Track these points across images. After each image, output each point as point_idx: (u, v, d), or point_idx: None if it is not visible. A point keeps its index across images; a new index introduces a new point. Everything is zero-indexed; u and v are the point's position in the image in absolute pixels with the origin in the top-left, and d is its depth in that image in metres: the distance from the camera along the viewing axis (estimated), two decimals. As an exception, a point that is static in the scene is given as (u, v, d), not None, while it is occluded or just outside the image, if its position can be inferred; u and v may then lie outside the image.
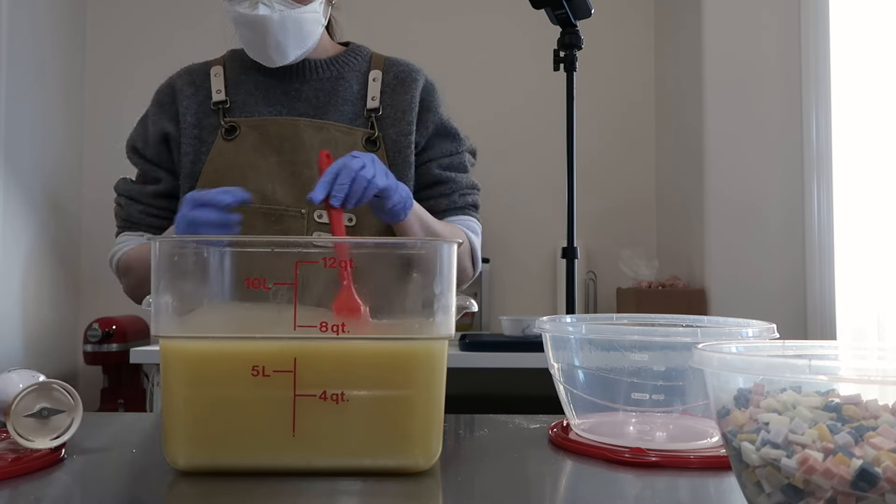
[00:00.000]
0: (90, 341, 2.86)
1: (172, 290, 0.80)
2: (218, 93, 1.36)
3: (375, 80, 1.38)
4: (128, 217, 1.39)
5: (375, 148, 1.33)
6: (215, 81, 1.37)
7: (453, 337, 0.82)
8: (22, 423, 0.82)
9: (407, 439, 0.79)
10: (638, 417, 0.93)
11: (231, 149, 1.32)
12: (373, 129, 1.34)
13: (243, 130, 1.33)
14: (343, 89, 1.37)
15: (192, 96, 1.37)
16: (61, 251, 3.13)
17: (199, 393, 0.79)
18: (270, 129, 1.32)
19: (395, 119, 1.36)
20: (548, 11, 1.67)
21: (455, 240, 0.83)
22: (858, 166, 2.46)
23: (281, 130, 1.32)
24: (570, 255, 1.73)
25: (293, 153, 1.31)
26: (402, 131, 1.36)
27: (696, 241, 2.84)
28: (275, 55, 1.30)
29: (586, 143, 2.08)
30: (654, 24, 3.37)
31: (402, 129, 1.36)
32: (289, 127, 1.32)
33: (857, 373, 0.62)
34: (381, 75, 1.39)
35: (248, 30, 1.29)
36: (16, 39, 2.77)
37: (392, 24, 3.31)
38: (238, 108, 1.35)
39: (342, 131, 1.33)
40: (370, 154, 1.13)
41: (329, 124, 1.33)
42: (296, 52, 1.31)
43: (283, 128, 1.32)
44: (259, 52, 1.31)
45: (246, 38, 1.31)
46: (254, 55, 1.33)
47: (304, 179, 1.28)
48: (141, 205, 1.39)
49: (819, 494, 0.53)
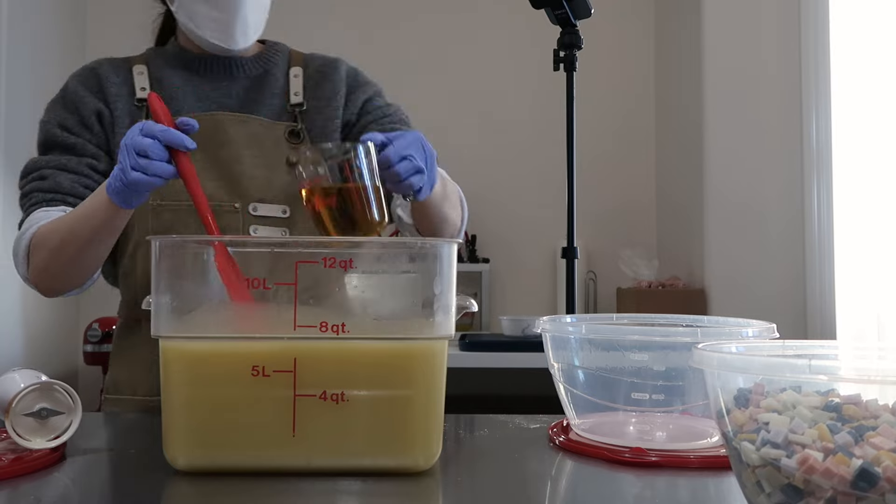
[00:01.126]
0: (90, 341, 2.86)
1: (172, 290, 0.80)
2: (143, 90, 1.32)
3: (297, 77, 1.37)
4: (54, 188, 1.25)
5: (299, 140, 1.33)
6: (139, 79, 1.33)
7: (453, 337, 0.82)
8: (21, 422, 0.82)
9: (407, 439, 0.79)
10: (638, 417, 0.93)
11: None
12: (296, 122, 1.34)
13: None
14: (270, 85, 1.36)
15: (118, 85, 1.32)
16: (61, 251, 3.13)
17: (199, 393, 0.79)
18: None
19: (319, 108, 1.36)
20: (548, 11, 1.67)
21: (455, 240, 0.83)
22: (858, 166, 2.46)
23: (204, 126, 1.26)
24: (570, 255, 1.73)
25: (218, 148, 1.28)
26: (328, 117, 1.35)
27: (696, 241, 2.84)
28: (240, 36, 1.28)
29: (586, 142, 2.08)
30: (654, 24, 3.37)
31: (327, 116, 1.35)
32: (210, 122, 1.29)
33: (857, 373, 0.62)
34: (301, 71, 1.38)
35: (214, 8, 1.25)
36: (16, 39, 2.77)
37: (392, 23, 3.31)
38: None
39: (265, 126, 1.32)
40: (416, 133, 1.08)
41: (252, 118, 1.31)
42: (254, 36, 1.31)
43: (206, 124, 1.28)
44: (221, 33, 1.27)
45: (206, 17, 1.26)
46: (212, 36, 1.28)
47: (234, 174, 1.27)
48: (74, 174, 1.26)
49: (819, 494, 0.53)
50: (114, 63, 1.36)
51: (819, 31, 2.58)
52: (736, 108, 2.73)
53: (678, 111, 3.08)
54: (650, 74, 3.36)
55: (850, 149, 2.50)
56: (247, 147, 1.29)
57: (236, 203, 1.27)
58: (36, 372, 0.87)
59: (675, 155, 3.14)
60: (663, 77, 3.29)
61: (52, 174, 1.26)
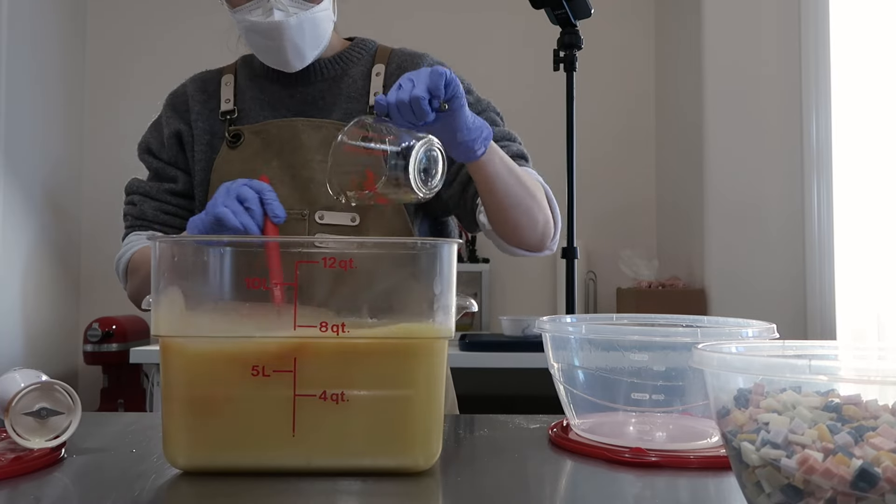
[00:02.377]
0: (90, 341, 2.86)
1: (172, 290, 0.80)
2: (227, 102, 1.35)
3: (379, 75, 1.34)
4: (140, 215, 1.36)
5: None
6: (225, 90, 1.36)
7: (453, 337, 0.82)
8: (20, 421, 0.82)
9: (407, 439, 0.79)
10: (638, 417, 0.93)
11: (235, 156, 1.31)
12: None
13: (247, 137, 1.31)
14: (347, 86, 1.34)
15: (203, 103, 1.36)
16: (61, 251, 3.13)
17: (199, 393, 0.79)
18: (271, 132, 1.31)
19: None
20: (548, 11, 1.67)
21: (455, 240, 0.83)
22: (858, 166, 2.46)
23: (280, 133, 1.31)
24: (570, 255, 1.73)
25: (292, 155, 1.29)
26: None
27: (696, 241, 2.84)
28: (294, 60, 1.28)
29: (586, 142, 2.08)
30: (654, 24, 3.37)
31: None
32: (287, 128, 1.30)
33: (857, 373, 0.62)
34: (384, 69, 1.34)
35: (262, 37, 1.26)
36: (16, 39, 2.77)
37: (392, 24, 3.31)
38: (245, 116, 1.34)
39: (340, 129, 1.31)
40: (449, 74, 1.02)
41: (327, 122, 1.30)
42: (313, 53, 1.29)
43: (282, 130, 1.31)
44: (276, 59, 1.28)
45: (259, 45, 1.28)
46: (269, 62, 1.30)
47: (303, 180, 1.27)
48: (156, 201, 1.36)
49: (819, 494, 0.53)
50: (204, 79, 1.39)
51: (819, 31, 2.58)
52: (736, 108, 2.73)
53: (678, 111, 3.08)
54: (650, 74, 3.36)
55: (850, 149, 2.50)
56: (318, 152, 1.28)
57: (304, 210, 1.27)
58: (37, 372, 0.87)
59: (675, 155, 3.14)
60: (663, 77, 3.29)
61: (140, 201, 1.36)
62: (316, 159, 1.28)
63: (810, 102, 2.62)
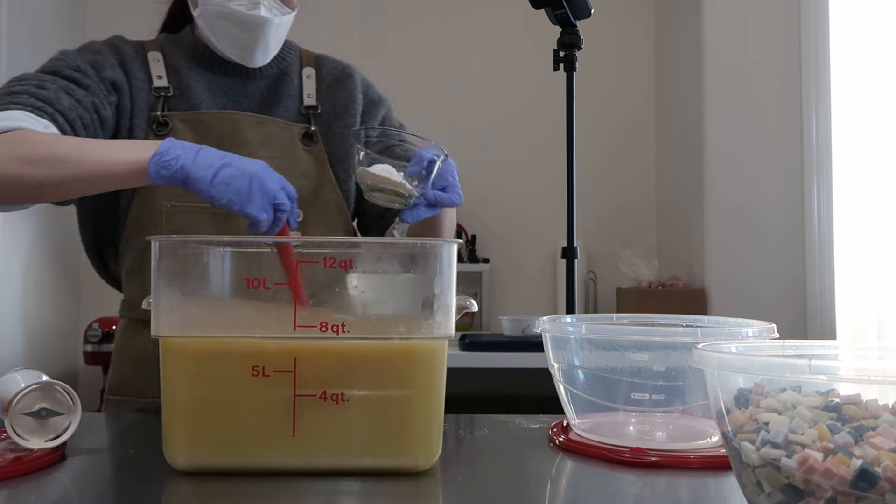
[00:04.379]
0: (90, 341, 2.86)
1: (172, 290, 0.80)
2: (159, 78, 1.26)
3: (309, 78, 1.36)
4: (48, 99, 1.11)
5: (313, 143, 1.31)
6: (155, 66, 1.27)
7: (453, 337, 0.82)
8: (20, 421, 0.82)
9: (407, 439, 0.79)
10: (638, 417, 0.93)
11: None
12: (309, 124, 1.32)
13: (176, 126, 1.24)
14: (286, 86, 1.34)
15: (141, 69, 1.26)
16: (61, 251, 3.13)
17: (199, 393, 0.79)
18: (208, 123, 1.26)
19: (336, 114, 1.34)
20: (547, 11, 1.66)
21: (455, 240, 0.83)
22: (858, 166, 2.46)
23: (219, 125, 1.26)
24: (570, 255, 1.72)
25: (234, 149, 1.17)
26: (347, 123, 1.34)
27: (695, 242, 2.84)
28: (260, 57, 1.28)
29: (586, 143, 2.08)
30: (654, 24, 3.37)
31: (346, 122, 1.34)
32: (228, 121, 1.27)
33: (857, 373, 0.62)
34: (314, 73, 1.36)
35: (238, 28, 1.24)
36: (16, 40, 2.76)
37: (392, 23, 3.31)
38: (181, 98, 1.27)
39: (280, 127, 1.30)
40: None
41: (269, 119, 1.29)
42: (273, 54, 1.31)
43: (222, 122, 1.26)
44: (241, 52, 1.27)
45: (228, 34, 1.25)
46: (231, 52, 1.27)
47: None
48: (74, 100, 1.14)
49: (819, 494, 0.53)
50: (133, 45, 1.30)
51: (819, 31, 2.58)
52: (736, 108, 2.73)
53: (678, 111, 3.08)
54: (650, 74, 3.36)
55: (850, 149, 2.50)
56: (263, 147, 1.27)
57: None
58: (37, 372, 0.87)
59: (675, 155, 3.14)
60: (663, 77, 3.29)
61: (54, 89, 1.13)
62: (261, 155, 1.22)
63: (810, 102, 2.62)
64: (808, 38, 2.62)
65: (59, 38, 3.15)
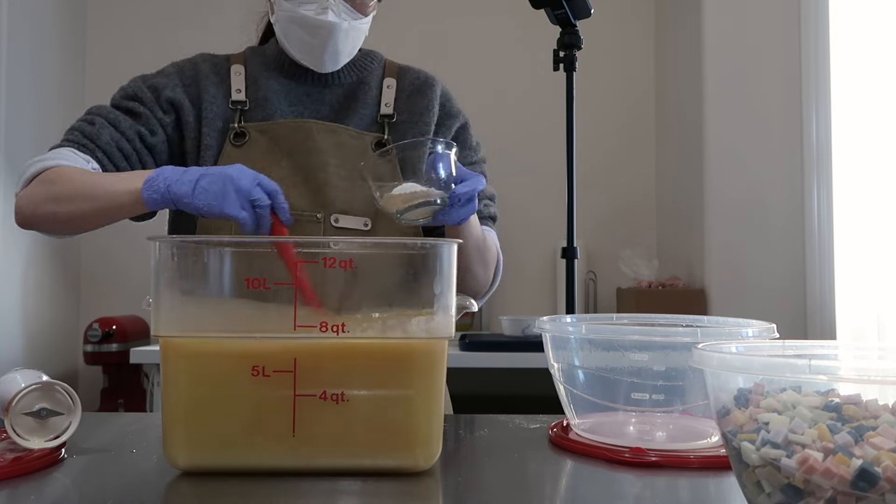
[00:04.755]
0: (90, 341, 2.86)
1: (172, 290, 0.80)
2: (238, 92, 1.32)
3: (390, 88, 1.37)
4: (93, 136, 1.23)
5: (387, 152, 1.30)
6: (236, 80, 1.33)
7: (453, 337, 0.82)
8: (20, 421, 0.82)
9: (407, 439, 0.79)
10: (638, 417, 0.93)
11: (240, 156, 1.27)
12: (383, 133, 1.33)
13: (252, 136, 1.29)
14: (363, 94, 1.36)
15: (216, 85, 1.32)
16: (61, 251, 3.13)
17: (199, 393, 0.79)
18: (279, 132, 1.29)
19: (411, 123, 1.35)
20: (547, 11, 1.66)
21: (455, 240, 0.83)
22: (858, 166, 2.46)
23: (291, 133, 1.29)
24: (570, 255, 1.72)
25: (305, 157, 1.27)
26: (420, 132, 1.34)
27: (696, 241, 2.84)
28: (329, 62, 1.30)
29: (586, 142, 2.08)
30: (654, 23, 3.37)
31: (419, 131, 1.34)
32: (300, 130, 1.29)
33: (857, 373, 0.62)
34: (395, 83, 1.38)
35: (306, 33, 1.26)
36: (16, 40, 2.77)
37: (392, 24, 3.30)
38: (258, 110, 1.31)
39: (352, 135, 1.30)
40: None
41: (341, 128, 1.31)
42: (345, 60, 1.32)
43: (294, 130, 1.29)
44: (311, 57, 1.29)
45: (299, 39, 1.28)
46: (302, 57, 1.30)
47: (318, 182, 1.26)
48: (118, 133, 1.25)
49: (819, 494, 0.53)
50: (215, 61, 1.35)
51: (819, 31, 2.58)
52: (736, 107, 2.73)
53: (678, 111, 3.08)
54: (650, 74, 3.36)
55: (850, 148, 2.50)
56: (333, 156, 1.28)
57: (318, 213, 1.26)
58: (37, 372, 0.87)
59: (675, 155, 3.14)
60: (663, 77, 3.29)
61: (101, 123, 1.24)
62: (331, 163, 1.27)
63: (810, 102, 2.62)
64: (808, 38, 2.62)
65: (59, 38, 3.15)
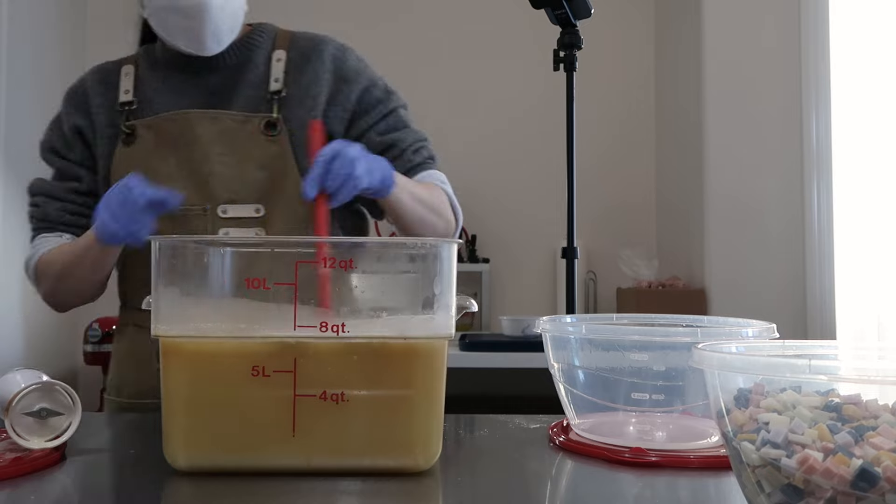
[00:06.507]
0: (90, 341, 2.86)
1: (172, 291, 0.80)
2: (126, 93, 1.30)
3: (280, 61, 1.29)
4: (44, 216, 1.32)
5: (275, 132, 1.26)
6: (125, 81, 1.31)
7: (453, 337, 0.82)
8: (20, 421, 0.82)
9: (407, 439, 0.79)
10: (638, 417, 0.93)
11: (131, 154, 1.27)
12: (271, 112, 1.26)
13: (140, 133, 1.27)
14: (248, 73, 1.29)
15: (102, 94, 1.31)
16: (61, 251, 3.13)
17: (199, 393, 0.79)
18: (163, 126, 1.26)
19: (300, 98, 1.28)
20: (548, 11, 1.66)
21: (455, 240, 0.83)
22: (858, 167, 2.46)
23: (173, 127, 1.26)
24: (570, 255, 1.72)
25: (188, 149, 1.25)
26: (309, 107, 1.27)
27: (695, 241, 2.84)
28: (211, 42, 1.23)
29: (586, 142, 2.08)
30: (655, 24, 3.37)
31: (307, 106, 1.27)
32: (180, 122, 1.26)
33: (857, 373, 0.62)
34: (284, 55, 1.30)
35: (182, 17, 1.20)
36: (16, 39, 2.76)
37: (391, 23, 3.31)
38: (145, 108, 1.29)
39: (237, 120, 1.26)
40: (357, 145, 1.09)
41: (223, 114, 1.26)
42: (229, 38, 1.26)
43: (175, 124, 1.26)
44: (192, 41, 1.23)
45: (175, 26, 1.22)
46: (183, 44, 1.24)
47: (202, 175, 1.24)
48: (59, 202, 1.32)
49: (819, 494, 0.53)
50: (104, 70, 1.35)
51: (819, 31, 2.58)
52: (736, 108, 2.73)
53: (678, 110, 3.08)
54: (650, 74, 3.36)
55: (850, 149, 2.50)
56: (215, 145, 1.25)
57: (206, 205, 1.24)
58: (38, 372, 0.87)
59: (674, 155, 3.14)
60: (663, 77, 3.29)
61: (43, 202, 1.33)
62: (214, 152, 1.24)
63: (810, 102, 2.62)
64: (808, 38, 2.62)
65: (60, 39, 3.15)
